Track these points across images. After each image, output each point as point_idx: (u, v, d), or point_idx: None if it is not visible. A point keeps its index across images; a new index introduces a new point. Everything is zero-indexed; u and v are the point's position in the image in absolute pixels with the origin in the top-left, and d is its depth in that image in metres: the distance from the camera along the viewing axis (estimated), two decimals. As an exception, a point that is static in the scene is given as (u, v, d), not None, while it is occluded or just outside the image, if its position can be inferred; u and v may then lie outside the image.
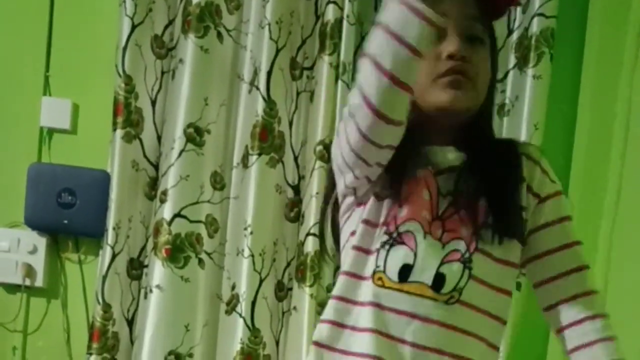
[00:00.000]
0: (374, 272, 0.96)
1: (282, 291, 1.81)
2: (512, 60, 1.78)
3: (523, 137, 1.75)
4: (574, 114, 1.83)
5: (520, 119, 1.76)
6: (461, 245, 0.95)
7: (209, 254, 1.79)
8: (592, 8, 1.81)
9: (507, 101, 1.78)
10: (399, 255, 0.95)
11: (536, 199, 1.01)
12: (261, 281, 1.77)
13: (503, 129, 1.79)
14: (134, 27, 1.69)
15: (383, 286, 0.95)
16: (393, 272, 0.95)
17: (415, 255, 0.95)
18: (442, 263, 0.95)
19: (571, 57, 1.82)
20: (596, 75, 1.79)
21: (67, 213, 1.76)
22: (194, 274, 1.76)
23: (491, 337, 0.99)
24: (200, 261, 1.77)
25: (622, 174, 1.66)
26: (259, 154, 1.73)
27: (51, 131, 1.80)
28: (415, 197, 0.97)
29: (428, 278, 0.94)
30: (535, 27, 1.74)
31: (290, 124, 1.78)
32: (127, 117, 1.71)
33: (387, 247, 0.96)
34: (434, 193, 0.97)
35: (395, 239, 0.96)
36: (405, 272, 0.95)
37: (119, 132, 1.71)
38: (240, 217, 1.77)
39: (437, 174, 0.98)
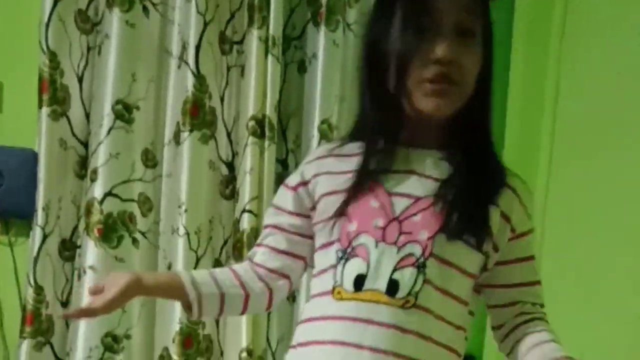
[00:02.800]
0: (334, 288, 0.98)
1: (220, 269, 1.80)
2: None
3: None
4: (505, 92, 1.84)
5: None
6: (416, 249, 0.96)
7: (143, 233, 1.76)
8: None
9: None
10: (354, 267, 0.97)
11: (512, 233, 1.03)
12: (198, 260, 1.76)
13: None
14: (56, 2, 1.65)
15: (342, 299, 0.97)
16: (349, 283, 0.97)
17: (368, 264, 0.97)
18: (395, 269, 0.96)
19: (500, 34, 1.83)
20: (525, 50, 1.81)
21: (-5, 194, 1.72)
22: (128, 254, 1.74)
23: (450, 342, 0.99)
24: (135, 240, 1.75)
25: (553, 141, 1.70)
26: (191, 131, 1.72)
27: (-25, 111, 1.76)
28: (364, 209, 0.99)
29: (382, 285, 0.96)
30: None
31: (222, 99, 1.76)
32: (53, 95, 1.68)
33: (342, 262, 0.98)
34: (384, 198, 0.98)
35: (349, 254, 0.98)
36: (359, 281, 0.97)
37: (45, 110, 1.67)
38: (174, 195, 1.75)
39: (390, 173, 1.00)
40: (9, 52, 1.74)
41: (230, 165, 1.79)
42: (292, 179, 1.08)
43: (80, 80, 1.73)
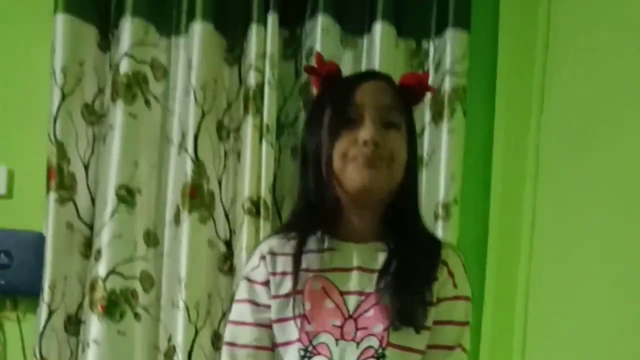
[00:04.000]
0: None
1: (219, 341, 1.88)
2: (428, 116, 1.89)
3: (441, 186, 1.85)
4: (489, 160, 1.92)
5: (438, 170, 1.87)
6: (374, 342, 1.06)
7: (145, 308, 1.85)
8: (501, 62, 1.91)
9: (425, 154, 1.89)
10: None
11: (435, 299, 1.11)
12: (197, 332, 1.84)
13: (423, 180, 1.89)
14: (64, 97, 1.77)
15: None
16: None
17: None
18: None
19: (483, 107, 1.92)
20: (507, 123, 1.90)
21: (3, 273, 1.81)
22: (131, 327, 1.83)
23: None
24: (136, 315, 1.84)
25: (535, 205, 1.78)
26: (190, 212, 1.81)
27: (-13, 197, 1.85)
28: (321, 310, 1.08)
29: None
30: (447, 85, 1.85)
31: (220, 182, 1.86)
32: (60, 181, 1.78)
33: (306, 359, 1.07)
34: (338, 299, 1.08)
35: (312, 352, 1.07)
36: None
37: (52, 195, 1.78)
38: (174, 271, 1.84)
39: (338, 271, 1.10)
40: (20, 141, 1.85)
41: (228, 243, 1.88)
42: (258, 275, 1.13)
43: (86, 167, 1.83)
